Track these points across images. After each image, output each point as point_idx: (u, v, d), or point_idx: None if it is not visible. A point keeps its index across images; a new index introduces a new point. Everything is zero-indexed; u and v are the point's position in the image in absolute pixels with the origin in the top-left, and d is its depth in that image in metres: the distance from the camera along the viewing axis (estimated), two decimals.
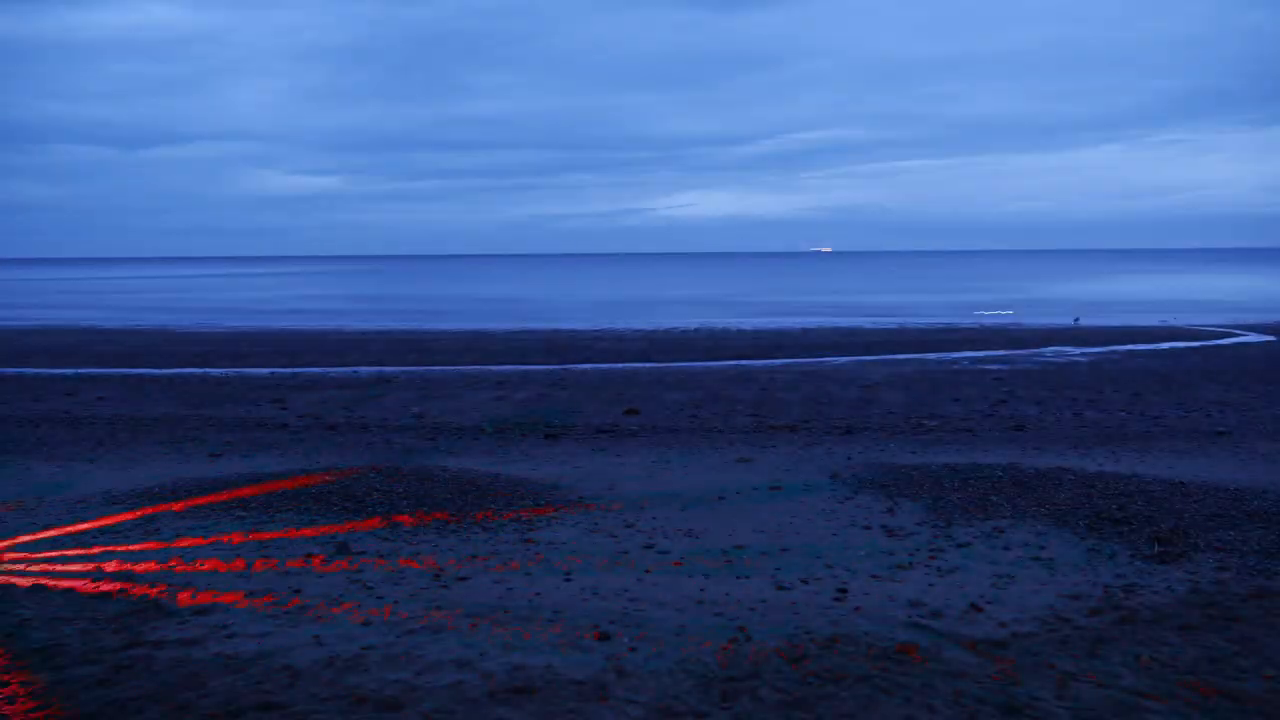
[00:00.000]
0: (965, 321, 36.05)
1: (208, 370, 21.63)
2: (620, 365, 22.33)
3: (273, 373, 21.03)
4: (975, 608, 6.03)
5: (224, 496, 8.85)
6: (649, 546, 7.41)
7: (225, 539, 7.58)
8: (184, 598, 6.28)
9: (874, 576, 6.67)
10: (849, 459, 10.82)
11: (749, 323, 36.30)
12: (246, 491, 8.98)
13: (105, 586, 6.49)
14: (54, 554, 7.23)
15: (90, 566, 6.93)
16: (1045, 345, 26.35)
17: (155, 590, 6.43)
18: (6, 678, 5.07)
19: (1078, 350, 24.96)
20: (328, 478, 9.40)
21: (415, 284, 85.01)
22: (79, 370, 21.55)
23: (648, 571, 6.81)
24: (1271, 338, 28.25)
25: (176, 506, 8.56)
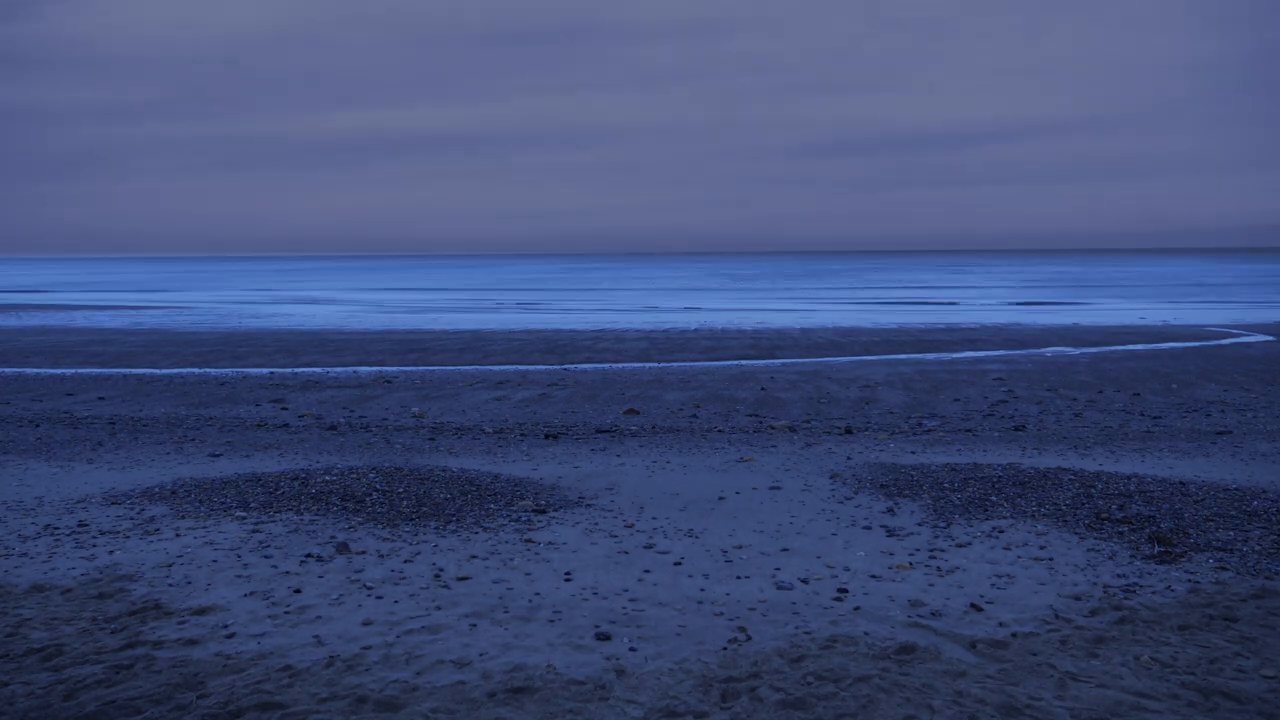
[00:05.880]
0: (965, 321, 36.06)
1: (208, 370, 21.63)
2: (620, 365, 22.33)
3: (272, 373, 21.03)
4: (975, 608, 6.03)
5: (224, 496, 8.84)
6: (649, 546, 7.41)
7: (225, 539, 7.58)
8: (184, 597, 6.29)
9: (874, 576, 6.67)
10: (849, 459, 10.82)
11: (749, 322, 36.30)
12: (247, 491, 8.98)
13: (105, 586, 6.50)
14: (54, 554, 7.23)
15: (90, 566, 6.93)
16: (1045, 345, 26.36)
17: (155, 590, 6.44)
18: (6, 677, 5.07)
19: (1078, 350, 24.97)
20: (328, 478, 9.40)
21: None
22: (79, 370, 21.55)
23: (648, 571, 6.81)
24: (1271, 338, 28.26)
25: (176, 506, 8.56)
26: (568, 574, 6.75)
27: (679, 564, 6.98)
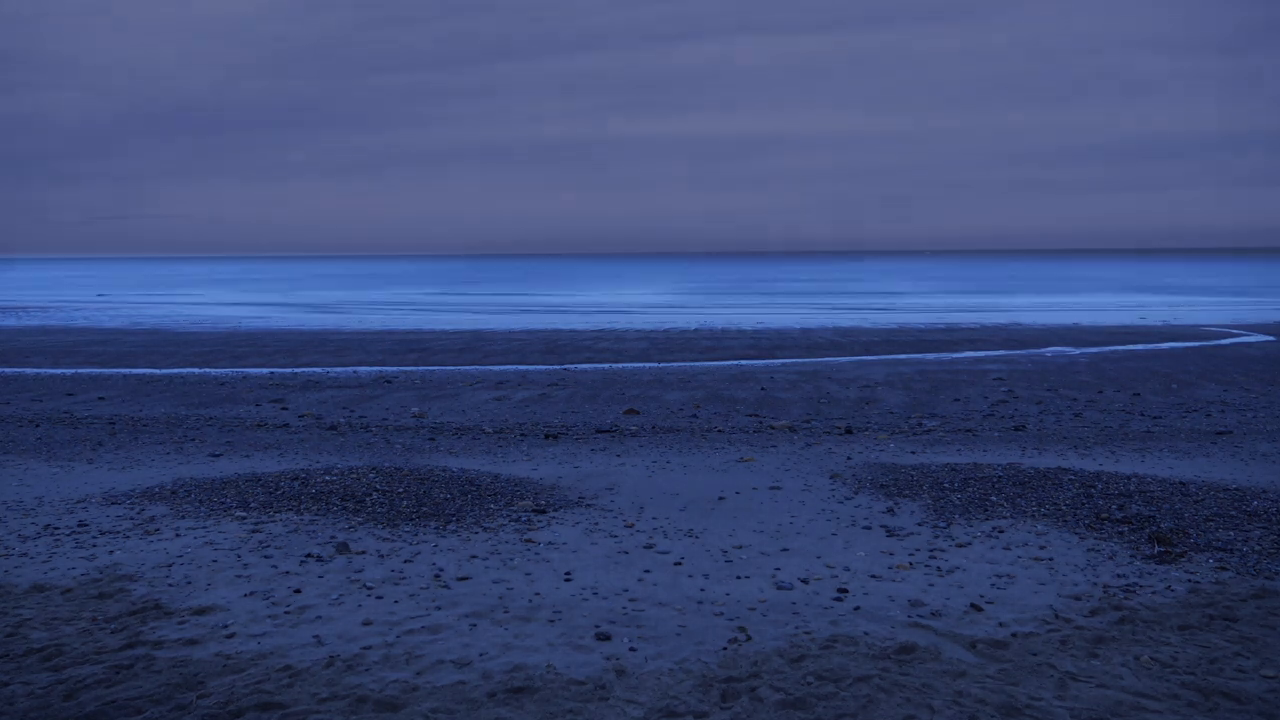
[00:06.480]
0: (965, 321, 36.05)
1: (207, 370, 21.62)
2: (620, 365, 22.33)
3: (272, 373, 21.03)
4: (975, 608, 6.03)
5: (224, 496, 8.85)
6: (649, 546, 7.41)
7: (225, 539, 7.58)
8: (184, 597, 6.29)
9: (874, 576, 6.67)
10: (849, 459, 10.82)
11: (749, 322, 36.29)
12: (247, 491, 8.98)
13: (105, 586, 6.50)
14: (54, 554, 7.23)
15: (90, 566, 6.93)
16: (1045, 345, 26.36)
17: (155, 590, 6.44)
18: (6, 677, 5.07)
19: (1078, 350, 24.97)
20: (328, 477, 9.40)
21: None
22: (79, 370, 21.55)
23: (648, 571, 6.81)
24: (1271, 338, 28.26)
25: (177, 506, 8.56)
26: (568, 574, 6.75)
27: (679, 564, 6.98)
